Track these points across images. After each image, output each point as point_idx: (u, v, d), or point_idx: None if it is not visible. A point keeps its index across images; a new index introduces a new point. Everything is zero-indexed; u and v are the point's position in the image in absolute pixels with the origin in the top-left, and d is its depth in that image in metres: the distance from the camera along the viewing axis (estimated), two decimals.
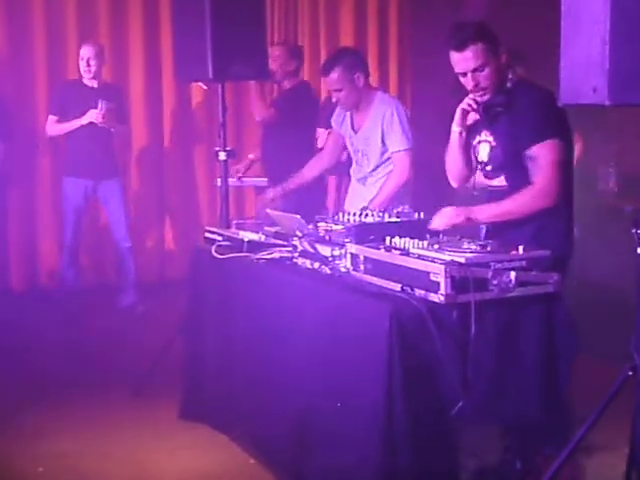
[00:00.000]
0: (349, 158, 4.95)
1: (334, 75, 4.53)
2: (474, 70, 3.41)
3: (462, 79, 3.48)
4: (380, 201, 4.40)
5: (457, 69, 3.47)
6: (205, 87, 5.58)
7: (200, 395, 4.28)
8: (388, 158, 4.58)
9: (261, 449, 3.84)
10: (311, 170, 4.93)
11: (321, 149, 5.28)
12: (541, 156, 3.34)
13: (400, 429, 2.97)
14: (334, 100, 4.68)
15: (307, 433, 3.43)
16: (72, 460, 3.96)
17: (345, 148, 4.88)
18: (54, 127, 6.31)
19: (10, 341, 5.51)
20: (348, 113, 4.70)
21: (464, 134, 3.60)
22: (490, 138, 3.53)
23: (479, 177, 3.60)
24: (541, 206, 3.35)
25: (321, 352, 3.35)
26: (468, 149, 3.64)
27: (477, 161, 3.58)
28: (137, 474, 3.83)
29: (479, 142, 3.58)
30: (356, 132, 4.66)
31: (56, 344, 5.72)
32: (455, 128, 3.61)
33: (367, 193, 4.59)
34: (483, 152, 3.56)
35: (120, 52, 7.06)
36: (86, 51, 6.21)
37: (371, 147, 4.60)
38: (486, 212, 3.46)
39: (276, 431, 3.68)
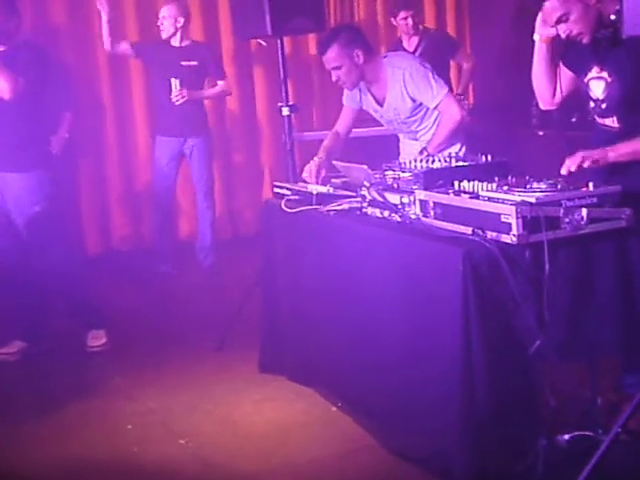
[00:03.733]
0: None
1: (331, 53, 4.31)
2: (558, 21, 3.36)
3: None
4: (437, 143, 4.38)
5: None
6: (264, 44, 5.59)
7: (279, 348, 4.36)
8: (427, 109, 4.47)
9: (342, 397, 3.91)
10: (333, 144, 4.65)
11: None
12: None
13: (479, 371, 3.01)
14: (334, 79, 4.43)
15: (386, 378, 3.49)
16: (159, 416, 4.08)
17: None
18: None
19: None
20: (365, 90, 4.53)
21: (547, 42, 3.53)
22: (604, 74, 3.43)
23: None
24: None
25: (395, 300, 3.38)
26: (553, 62, 3.60)
27: (591, 98, 3.52)
28: (225, 426, 3.93)
29: (590, 79, 3.49)
30: (382, 105, 4.52)
31: (137, 304, 5.87)
32: (536, 37, 3.54)
33: (425, 144, 4.51)
34: (597, 89, 3.48)
35: None
36: (162, 10, 6.35)
37: (404, 114, 4.50)
38: (618, 150, 3.32)
39: (355, 378, 3.75)
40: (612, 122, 3.47)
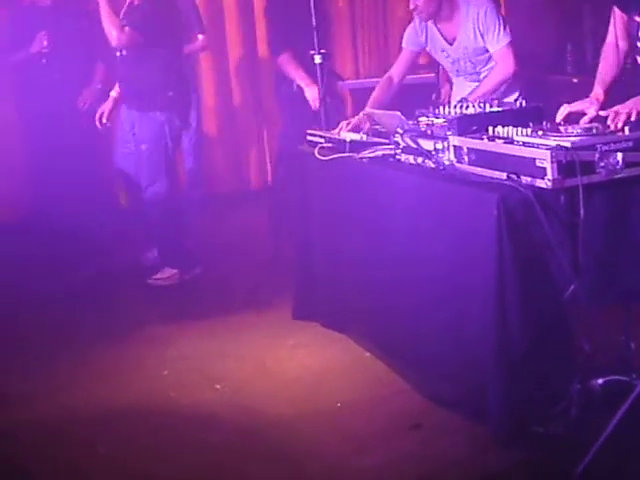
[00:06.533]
0: None
1: None
2: None
3: None
4: (482, 93, 4.33)
5: None
6: None
7: (312, 295, 4.39)
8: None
9: (375, 342, 3.95)
10: (384, 94, 4.62)
11: None
12: None
13: (513, 315, 3.02)
14: (411, 7, 4.45)
15: (420, 324, 3.51)
16: (195, 362, 4.14)
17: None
18: None
19: (129, 255, 5.79)
20: (433, 28, 4.52)
21: None
22: None
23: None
24: None
25: (430, 245, 3.39)
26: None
27: None
28: (259, 370, 3.99)
29: None
30: (451, 44, 4.51)
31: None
32: None
33: None
34: None
35: None
36: None
37: (473, 52, 4.49)
38: None
39: (389, 324, 3.78)
40: None
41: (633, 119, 3.17)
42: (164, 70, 5.23)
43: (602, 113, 3.27)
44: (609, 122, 3.17)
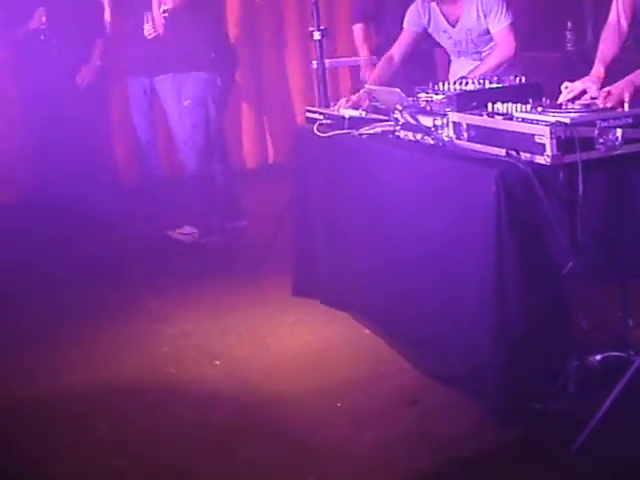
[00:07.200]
0: None
1: None
2: None
3: None
4: (480, 73, 4.31)
5: None
6: None
7: (312, 272, 4.39)
8: None
9: (375, 320, 3.95)
10: (385, 73, 4.63)
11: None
12: None
13: (511, 292, 3.02)
14: None
15: (418, 300, 3.52)
16: (195, 339, 4.15)
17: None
18: None
19: (129, 232, 5.80)
20: (436, 9, 4.51)
21: None
22: None
23: None
24: None
25: (429, 222, 3.39)
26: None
27: None
28: (259, 348, 3.99)
29: None
30: (454, 25, 4.50)
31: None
32: None
33: None
34: None
35: None
36: None
37: (476, 33, 4.49)
38: None
39: (387, 301, 3.78)
40: None
41: (627, 101, 3.15)
42: (207, 32, 5.38)
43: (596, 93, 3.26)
44: (600, 102, 3.16)
